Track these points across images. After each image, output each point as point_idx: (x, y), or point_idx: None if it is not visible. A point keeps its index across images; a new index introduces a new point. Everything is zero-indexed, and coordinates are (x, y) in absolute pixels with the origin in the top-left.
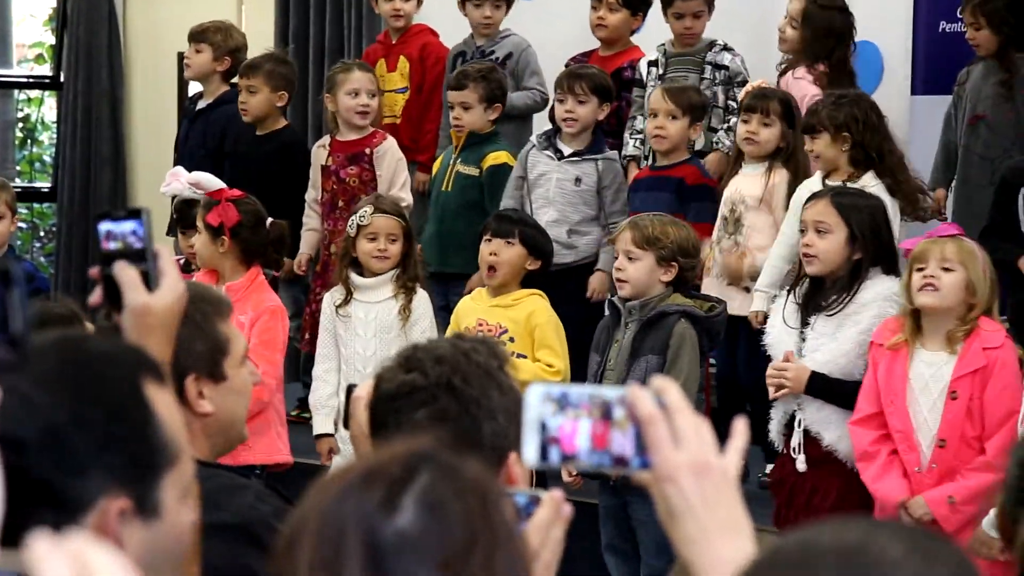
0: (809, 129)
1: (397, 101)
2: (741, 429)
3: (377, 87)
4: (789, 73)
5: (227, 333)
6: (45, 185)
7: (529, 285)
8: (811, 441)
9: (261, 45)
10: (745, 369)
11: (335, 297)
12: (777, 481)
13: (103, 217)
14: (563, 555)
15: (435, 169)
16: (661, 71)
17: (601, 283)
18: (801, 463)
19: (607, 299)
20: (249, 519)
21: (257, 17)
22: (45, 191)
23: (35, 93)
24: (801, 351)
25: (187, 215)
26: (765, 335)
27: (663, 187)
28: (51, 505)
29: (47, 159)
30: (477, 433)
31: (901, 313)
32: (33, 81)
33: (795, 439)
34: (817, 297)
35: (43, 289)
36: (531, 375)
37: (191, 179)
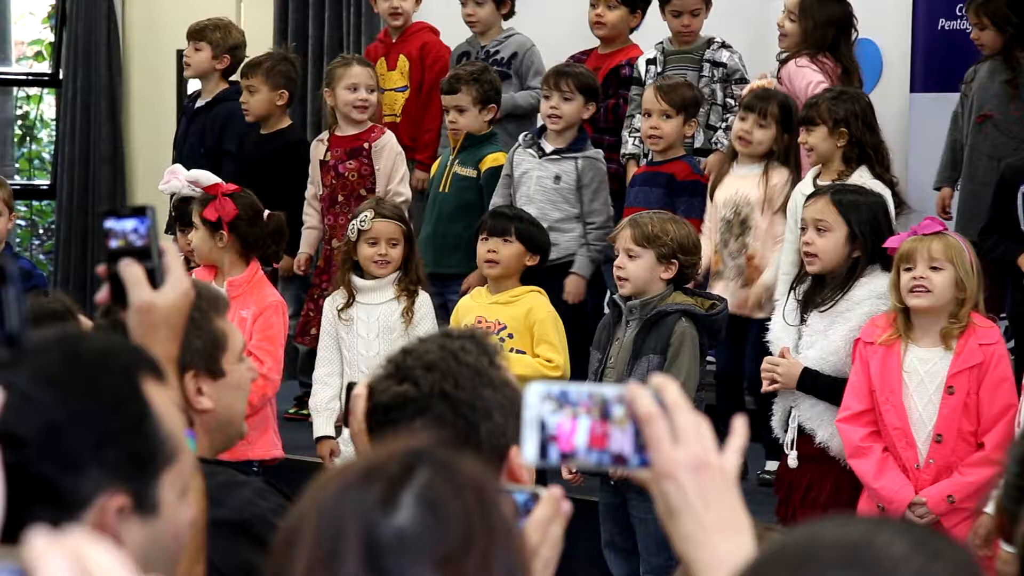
0: (807, 121)
1: (397, 100)
2: (740, 427)
3: (376, 82)
4: (791, 62)
5: (225, 329)
6: (44, 182)
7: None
8: (805, 437)
9: (260, 43)
10: (752, 366)
11: (336, 301)
12: (779, 476)
13: (107, 214)
14: (563, 552)
15: (433, 170)
16: (659, 69)
17: (576, 287)
18: (793, 459)
19: (608, 297)
20: (248, 516)
21: (256, 15)
22: (44, 188)
23: (34, 90)
24: (798, 347)
25: (186, 213)
26: (768, 332)
27: (655, 183)
28: (50, 502)
29: (46, 156)
30: (475, 435)
31: (890, 310)
32: (32, 78)
33: (789, 435)
34: (815, 294)
35: (41, 286)
36: (530, 371)
37: (190, 177)
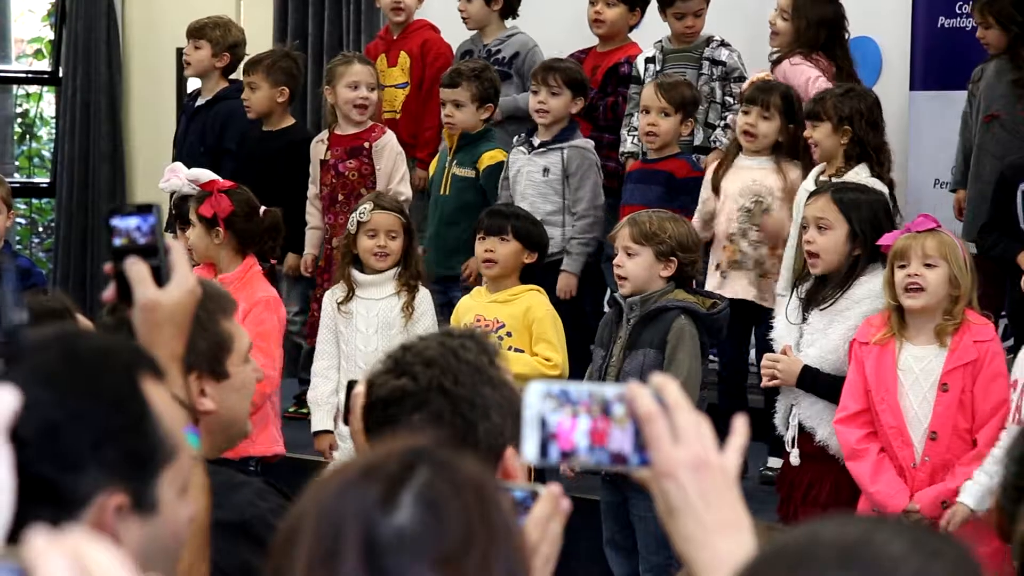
0: (812, 116)
1: (397, 96)
2: (741, 427)
3: (377, 81)
4: (785, 62)
5: (231, 330)
6: (44, 180)
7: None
8: (806, 435)
9: (260, 41)
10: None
11: (336, 294)
12: (781, 474)
13: (113, 212)
14: (563, 550)
15: (431, 169)
16: (659, 67)
17: (567, 283)
18: (795, 457)
19: (608, 295)
20: (248, 516)
21: (256, 13)
22: (44, 186)
23: (34, 88)
24: (799, 346)
25: (185, 211)
26: (772, 330)
27: (652, 180)
28: (49, 501)
29: (46, 154)
30: (472, 433)
31: (884, 309)
32: (32, 76)
33: (790, 433)
34: (817, 292)
35: (40, 284)
36: (529, 369)
37: (190, 175)
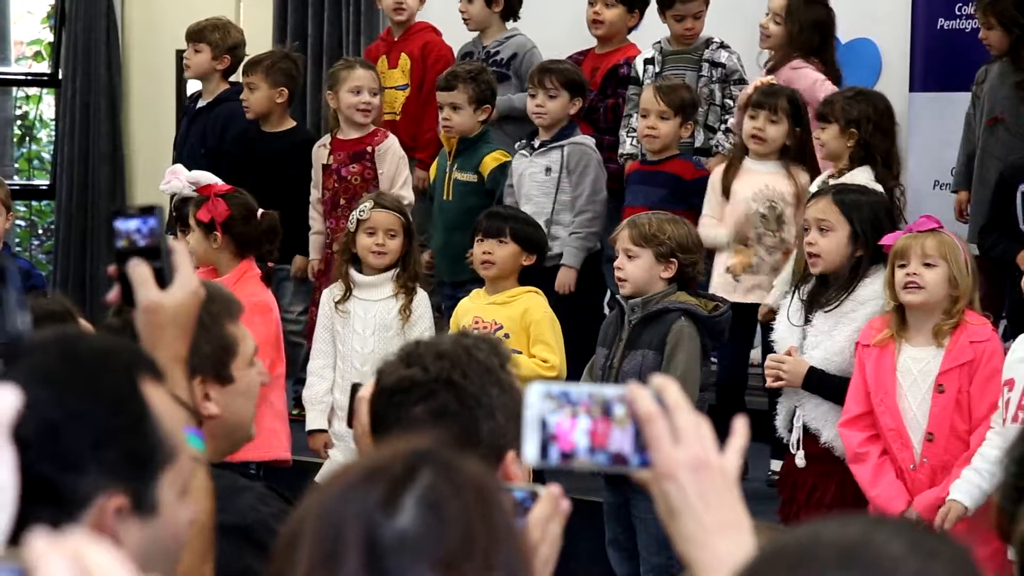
0: (821, 117)
1: (397, 98)
2: (741, 428)
3: (379, 85)
4: (786, 67)
5: (236, 334)
6: (43, 183)
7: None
8: (811, 437)
9: (259, 43)
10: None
11: (334, 293)
12: (783, 476)
13: (115, 215)
14: (564, 551)
15: (432, 173)
16: (658, 69)
17: (565, 277)
18: (800, 459)
19: (608, 296)
20: (250, 521)
21: (256, 14)
22: (43, 189)
23: (33, 90)
24: (802, 348)
25: (185, 214)
26: (773, 331)
27: (654, 182)
28: (49, 503)
29: (45, 156)
30: (475, 431)
31: (885, 310)
32: (31, 78)
33: (794, 435)
34: (820, 294)
35: (40, 286)
36: (526, 371)
37: (191, 177)
